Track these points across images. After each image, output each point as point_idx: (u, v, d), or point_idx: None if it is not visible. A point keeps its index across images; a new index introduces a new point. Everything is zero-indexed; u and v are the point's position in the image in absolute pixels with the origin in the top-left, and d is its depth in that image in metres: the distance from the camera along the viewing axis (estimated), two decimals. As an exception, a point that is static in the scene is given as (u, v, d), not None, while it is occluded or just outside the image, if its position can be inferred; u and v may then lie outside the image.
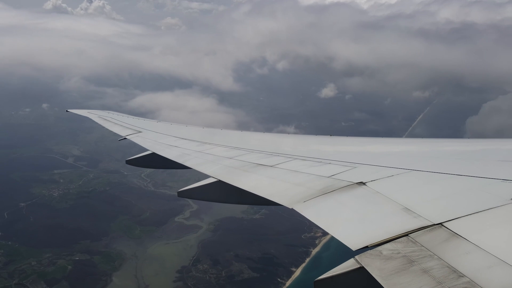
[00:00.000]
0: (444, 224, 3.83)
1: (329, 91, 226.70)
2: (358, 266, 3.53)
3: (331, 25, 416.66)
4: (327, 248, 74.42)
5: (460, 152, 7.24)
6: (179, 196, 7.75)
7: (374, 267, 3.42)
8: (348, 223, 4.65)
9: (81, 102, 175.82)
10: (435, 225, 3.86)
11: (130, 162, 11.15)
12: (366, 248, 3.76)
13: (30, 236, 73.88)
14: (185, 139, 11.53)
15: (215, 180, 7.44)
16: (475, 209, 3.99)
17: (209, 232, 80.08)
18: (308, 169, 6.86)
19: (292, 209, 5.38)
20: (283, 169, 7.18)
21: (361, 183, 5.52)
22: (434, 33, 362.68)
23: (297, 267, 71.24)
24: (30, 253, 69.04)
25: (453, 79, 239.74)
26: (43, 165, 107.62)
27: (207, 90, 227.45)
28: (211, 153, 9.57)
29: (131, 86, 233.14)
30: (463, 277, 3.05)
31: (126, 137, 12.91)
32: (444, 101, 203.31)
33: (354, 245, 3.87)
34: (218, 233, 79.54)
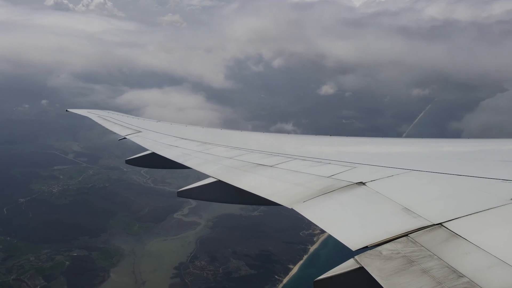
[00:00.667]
0: (444, 224, 3.84)
1: (329, 89, 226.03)
2: (357, 266, 3.54)
3: (317, 22, 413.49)
4: (325, 245, 74.55)
5: (460, 152, 7.26)
6: (179, 196, 7.74)
7: (374, 267, 3.43)
8: (347, 223, 4.65)
9: (68, 98, 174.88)
10: (435, 225, 3.87)
11: (129, 162, 11.09)
12: (365, 248, 3.76)
13: (29, 231, 73.95)
14: (185, 139, 11.52)
15: (215, 180, 7.44)
16: (475, 209, 4.00)
17: (207, 229, 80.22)
18: (308, 169, 6.86)
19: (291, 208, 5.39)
20: (283, 169, 7.18)
21: (361, 183, 5.52)
22: (415, 31, 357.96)
23: (295, 264, 71.39)
24: (28, 248, 69.16)
25: (440, 76, 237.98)
26: (43, 161, 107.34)
27: (197, 87, 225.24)
28: (211, 153, 9.56)
29: (120, 82, 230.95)
30: (463, 277, 3.06)
31: (126, 137, 12.91)
32: (442, 100, 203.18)
33: (353, 245, 3.87)
34: (216, 230, 79.67)
